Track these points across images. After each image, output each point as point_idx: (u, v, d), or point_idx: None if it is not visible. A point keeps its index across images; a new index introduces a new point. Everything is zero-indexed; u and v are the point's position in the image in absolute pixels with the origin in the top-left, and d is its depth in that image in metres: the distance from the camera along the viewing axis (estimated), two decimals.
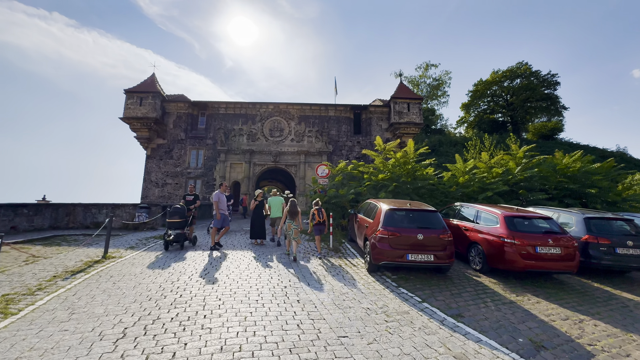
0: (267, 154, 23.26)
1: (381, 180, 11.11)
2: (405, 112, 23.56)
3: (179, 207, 7.89)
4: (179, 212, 7.78)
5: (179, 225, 7.76)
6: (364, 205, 8.34)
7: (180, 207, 7.93)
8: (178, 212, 7.77)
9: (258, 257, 7.31)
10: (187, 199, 8.59)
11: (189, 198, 8.65)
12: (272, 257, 7.29)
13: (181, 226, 7.81)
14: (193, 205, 8.49)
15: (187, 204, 8.39)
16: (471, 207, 7.70)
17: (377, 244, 5.96)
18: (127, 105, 22.31)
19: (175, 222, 7.69)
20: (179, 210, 7.83)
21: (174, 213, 7.74)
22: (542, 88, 38.95)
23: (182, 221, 7.81)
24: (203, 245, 8.59)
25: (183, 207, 7.94)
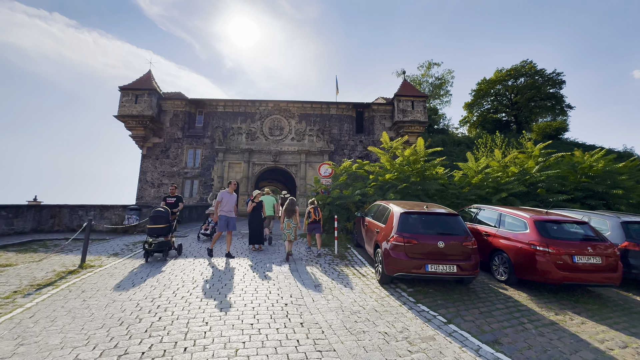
0: (267, 154, 22.51)
1: (389, 180, 10.35)
2: (409, 110, 22.83)
3: (162, 211, 6.86)
4: (162, 217, 6.76)
5: (163, 232, 6.74)
6: (373, 207, 7.58)
7: (164, 210, 6.91)
8: (162, 217, 6.75)
9: (255, 265, 6.54)
10: (167, 202, 7.58)
11: (170, 200, 7.65)
12: (271, 266, 6.52)
13: (165, 233, 6.79)
14: (176, 208, 7.56)
15: (167, 206, 7.34)
16: (492, 209, 6.93)
17: (390, 253, 5.20)
18: (122, 103, 21.58)
19: (158, 229, 6.66)
20: (162, 214, 6.80)
21: (156, 218, 6.71)
22: (547, 87, 38.17)
23: (166, 227, 6.79)
24: (191, 253, 7.80)
25: (167, 211, 6.93)
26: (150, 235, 6.67)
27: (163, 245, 6.76)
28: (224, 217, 7.14)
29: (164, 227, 6.76)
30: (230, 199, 7.32)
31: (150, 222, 6.71)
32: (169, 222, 6.89)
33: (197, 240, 9.48)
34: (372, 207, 7.62)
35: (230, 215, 7.22)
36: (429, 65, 45.26)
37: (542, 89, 38.70)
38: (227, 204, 7.23)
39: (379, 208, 6.91)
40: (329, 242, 8.96)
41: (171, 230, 7.08)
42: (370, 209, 7.70)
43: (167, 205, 7.41)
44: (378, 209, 6.95)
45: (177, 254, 7.35)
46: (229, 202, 7.28)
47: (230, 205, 7.28)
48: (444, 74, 45.53)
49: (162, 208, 6.98)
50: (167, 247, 6.88)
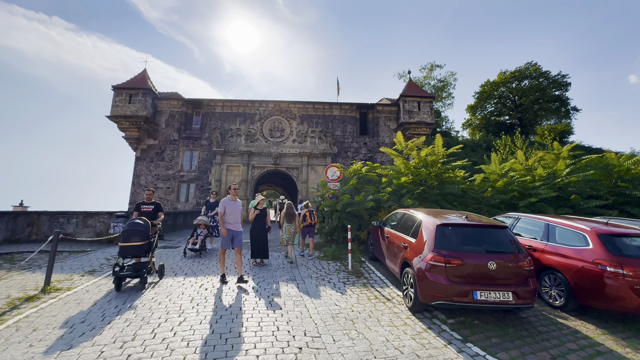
0: (267, 156, 21.49)
1: (404, 184, 9.35)
2: (415, 111, 21.91)
3: (140, 224, 5.35)
4: (140, 232, 5.25)
5: (140, 251, 5.25)
6: (393, 216, 6.55)
7: (143, 223, 5.42)
8: (139, 232, 5.24)
9: (259, 287, 5.48)
10: (143, 210, 6.04)
11: (146, 209, 6.08)
12: (277, 288, 5.46)
13: (142, 252, 5.30)
14: (156, 220, 6.05)
15: (144, 217, 5.82)
16: (534, 219, 5.92)
17: (427, 275, 4.16)
18: (115, 103, 20.56)
19: (133, 248, 5.15)
20: (139, 228, 5.29)
21: (132, 233, 5.19)
22: (552, 89, 37.46)
23: (145, 244, 5.27)
24: (177, 272, 6.52)
25: (146, 224, 5.46)
26: (123, 256, 5.19)
27: (140, 268, 5.30)
28: (229, 231, 5.77)
29: (142, 245, 5.24)
30: (235, 208, 5.86)
31: (124, 238, 5.16)
32: (148, 238, 5.38)
33: (183, 257, 7.85)
34: (393, 216, 6.59)
35: (236, 229, 5.81)
36: (431, 67, 44.54)
37: (547, 91, 37.99)
38: (232, 214, 5.80)
39: (403, 217, 5.87)
40: (340, 254, 7.92)
41: (151, 249, 5.59)
42: (390, 217, 6.67)
43: (142, 215, 5.97)
44: (402, 218, 5.92)
45: (159, 278, 5.81)
46: (234, 211, 5.83)
47: (235, 215, 5.84)
48: (446, 76, 44.78)
49: (140, 220, 5.48)
50: (146, 271, 5.31)
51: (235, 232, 5.80)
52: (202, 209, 9.68)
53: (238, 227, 5.86)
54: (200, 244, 8.03)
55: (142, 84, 21.12)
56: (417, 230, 4.94)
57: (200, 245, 8.02)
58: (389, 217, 6.73)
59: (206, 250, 8.47)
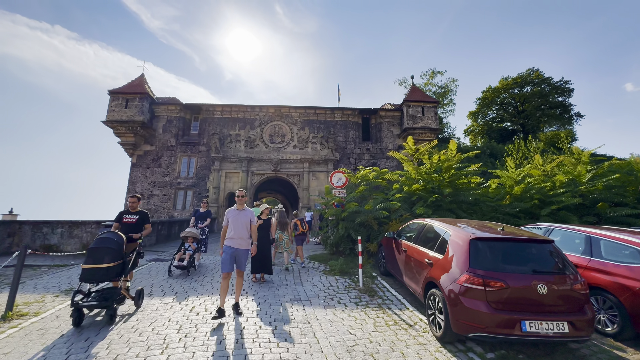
0: (267, 162, 20.86)
1: (416, 191, 8.68)
2: (419, 116, 21.40)
3: (110, 239, 4.19)
4: (109, 249, 4.06)
5: (108, 275, 4.02)
6: (410, 227, 5.86)
7: (115, 238, 4.23)
8: (108, 250, 4.06)
9: (260, 310, 4.75)
10: (125, 221, 4.95)
11: (129, 220, 4.99)
12: (281, 312, 4.73)
13: (112, 275, 4.07)
14: (140, 233, 4.92)
15: (126, 229, 4.83)
16: (574, 230, 5.23)
17: (461, 300, 3.46)
18: (111, 108, 20.01)
19: (99, 271, 3.95)
20: (110, 244, 4.12)
21: (98, 251, 4.03)
22: (555, 95, 37.14)
23: (116, 266, 4.08)
24: (158, 293, 5.84)
25: (120, 239, 4.27)
26: (86, 281, 3.99)
27: (108, 297, 4.06)
28: (229, 249, 4.53)
29: (111, 268, 4.00)
30: (240, 220, 4.64)
31: (88, 258, 3.97)
32: (121, 257, 4.19)
33: (168, 277, 6.61)
34: (410, 227, 5.90)
35: (239, 246, 4.58)
36: (432, 73, 44.33)
37: (550, 98, 37.67)
38: (237, 228, 4.59)
39: (423, 229, 5.18)
40: (348, 268, 7.19)
41: (125, 271, 4.32)
42: (407, 228, 5.97)
43: (125, 227, 4.88)
44: (422, 229, 5.22)
45: (136, 307, 4.63)
46: (239, 223, 4.61)
47: (240, 229, 4.61)
48: (447, 83, 44.55)
49: (112, 234, 4.30)
50: (116, 300, 4.10)
51: (238, 251, 4.57)
52: (191, 220, 8.62)
53: (242, 244, 4.61)
54: (189, 260, 6.92)
55: (139, 89, 20.61)
56: (444, 244, 4.25)
57: (188, 261, 6.89)
58: (405, 228, 6.03)
59: (195, 268, 7.37)
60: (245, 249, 4.69)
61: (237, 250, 4.59)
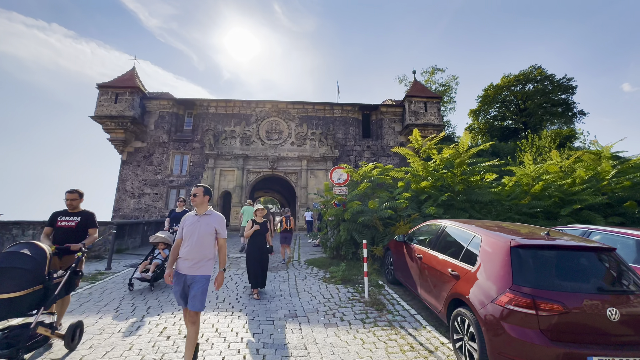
0: (264, 160, 20.01)
1: (425, 189, 7.88)
2: (422, 112, 20.62)
3: (21, 254, 2.82)
4: (17, 271, 2.72)
5: (16, 309, 2.68)
6: (425, 229, 5.04)
7: (30, 250, 2.88)
8: (15, 271, 2.71)
9: (246, 332, 3.93)
10: (60, 224, 3.60)
11: (67, 223, 3.62)
12: (272, 334, 3.92)
13: (23, 308, 2.74)
14: (82, 243, 3.52)
15: (63, 237, 3.54)
16: (622, 234, 4.44)
17: (504, 328, 2.66)
18: (100, 102, 19.10)
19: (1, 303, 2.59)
20: (20, 260, 2.78)
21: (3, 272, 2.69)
22: (558, 92, 36.48)
23: (29, 295, 2.73)
24: (131, 308, 5.02)
25: (38, 252, 2.90)
26: None
27: (13, 342, 2.65)
28: (178, 276, 2.97)
29: (20, 298, 2.66)
30: (199, 230, 2.99)
31: None
32: (41, 281, 2.84)
33: (128, 290, 5.39)
34: (425, 229, 5.08)
35: (192, 271, 2.94)
36: (433, 70, 43.58)
37: (552, 95, 37.00)
38: (192, 243, 2.95)
39: (443, 232, 4.37)
40: (351, 275, 6.37)
41: (47, 300, 2.92)
42: (420, 231, 5.16)
43: (60, 234, 3.55)
44: (440, 233, 4.41)
45: (67, 347, 3.20)
46: (196, 236, 2.96)
47: (198, 244, 2.95)
48: (448, 80, 43.83)
49: (23, 246, 2.90)
50: (26, 346, 2.73)
51: (190, 279, 2.91)
52: (165, 222, 7.09)
53: (197, 269, 2.93)
54: (154, 271, 5.49)
55: (130, 83, 19.70)
56: (473, 252, 3.44)
57: (154, 272, 5.47)
58: (418, 231, 5.22)
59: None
60: (203, 275, 2.95)
61: (188, 279, 2.90)
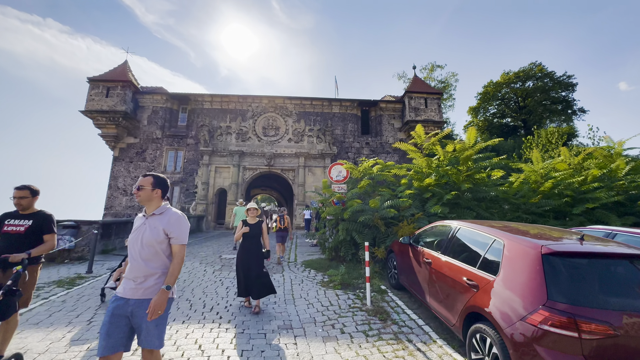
0: (260, 157, 19.51)
1: (429, 186, 7.44)
2: (422, 108, 20.17)
3: None
4: None
5: None
6: (434, 231, 4.59)
7: None
8: None
9: (236, 348, 3.48)
10: (6, 230, 2.90)
11: (14, 227, 2.92)
12: (263, 350, 3.46)
13: None
14: (26, 253, 2.77)
15: (7, 244, 2.85)
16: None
17: (538, 352, 2.22)
18: (91, 97, 18.48)
19: None
20: None
21: None
22: (559, 90, 36.15)
23: None
24: None
25: None
26: None
27: None
28: (116, 301, 2.12)
29: None
30: (143, 237, 2.19)
31: None
32: None
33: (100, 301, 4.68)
34: (431, 231, 4.64)
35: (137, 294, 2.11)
36: (432, 67, 43.16)
37: (552, 93, 36.68)
38: (134, 251, 2.19)
39: (454, 234, 3.92)
40: (351, 278, 5.93)
41: None
42: (427, 233, 4.72)
43: (6, 241, 2.88)
44: (451, 235, 3.96)
45: None
46: (139, 242, 2.19)
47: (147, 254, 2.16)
48: (447, 77, 43.46)
49: None
50: None
51: (134, 305, 2.09)
52: None
53: (144, 291, 2.12)
54: None
55: (122, 77, 19.08)
56: (494, 259, 3.00)
57: None
58: (426, 232, 4.77)
59: None
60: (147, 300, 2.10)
61: (132, 306, 2.08)
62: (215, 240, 13.02)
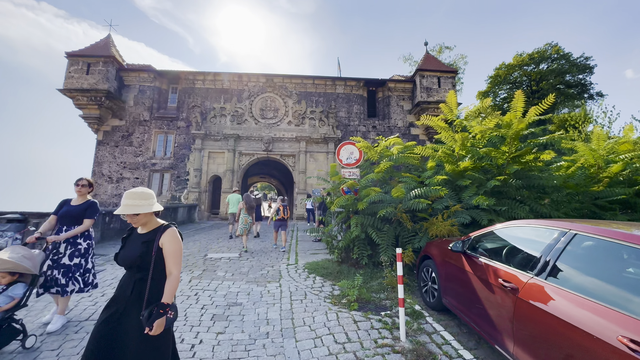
0: (257, 141, 17.86)
1: (465, 171, 5.87)
2: (434, 88, 18.34)
3: None
4: None
5: None
6: (505, 237, 3.03)
7: None
8: None
9: None
10: None
11: None
12: None
13: None
14: None
15: None
16: None
17: None
18: (70, 74, 16.70)
19: None
20: None
21: None
22: (575, 72, 33.97)
23: None
24: None
25: None
26: None
27: None
28: None
29: None
30: None
31: None
32: None
33: None
34: (503, 235, 3.07)
35: None
36: (440, 49, 40.58)
37: (568, 76, 34.52)
38: None
39: (565, 247, 2.36)
40: (370, 292, 4.42)
41: None
42: (494, 238, 3.16)
43: None
44: (561, 247, 2.40)
45: None
46: None
47: None
48: (456, 60, 40.99)
49: None
50: None
51: None
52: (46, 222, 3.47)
53: None
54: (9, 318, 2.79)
55: (104, 52, 17.23)
56: None
57: None
58: (494, 237, 3.20)
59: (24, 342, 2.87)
60: None
61: None
62: (206, 232, 11.56)
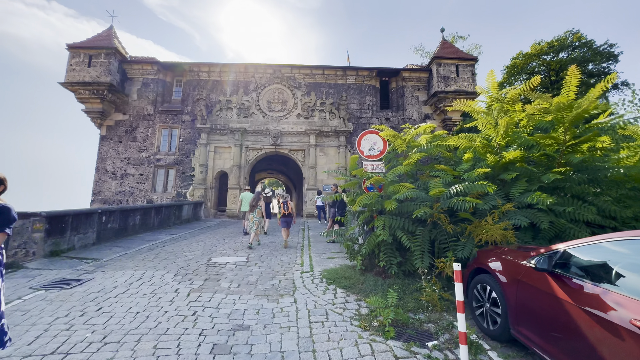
0: (265, 135, 17.05)
1: (515, 162, 4.94)
2: (452, 77, 17.21)
3: None
4: None
5: None
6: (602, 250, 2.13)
7: None
8: None
9: None
10: None
11: None
12: None
13: None
14: None
15: None
16: None
17: None
18: (71, 67, 16.10)
19: None
20: None
21: None
22: (599, 61, 32.08)
23: None
24: None
25: None
26: None
27: None
28: None
29: None
30: None
31: None
32: None
33: None
34: (604, 247, 2.17)
35: None
36: (453, 38, 38.92)
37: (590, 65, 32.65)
38: None
39: None
40: (407, 312, 3.57)
41: None
42: (602, 250, 2.26)
43: None
44: None
45: None
46: None
47: None
48: (469, 50, 39.30)
49: None
50: None
51: None
52: None
53: None
54: None
55: (106, 43, 16.59)
56: None
57: None
58: (598, 251, 2.30)
59: None
60: None
61: None
62: (212, 231, 10.84)
